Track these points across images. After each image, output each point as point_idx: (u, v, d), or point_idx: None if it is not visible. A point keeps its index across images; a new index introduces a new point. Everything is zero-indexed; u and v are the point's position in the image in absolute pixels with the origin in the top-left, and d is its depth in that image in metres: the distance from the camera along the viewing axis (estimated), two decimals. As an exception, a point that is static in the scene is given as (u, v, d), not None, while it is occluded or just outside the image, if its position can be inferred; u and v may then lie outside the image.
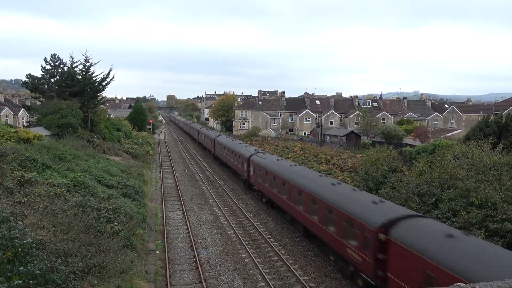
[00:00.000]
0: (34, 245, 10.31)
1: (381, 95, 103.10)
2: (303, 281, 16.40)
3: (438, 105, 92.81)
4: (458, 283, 2.15)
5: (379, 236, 13.31)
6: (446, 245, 11.18)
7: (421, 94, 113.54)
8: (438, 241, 11.54)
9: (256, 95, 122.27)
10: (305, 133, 76.62)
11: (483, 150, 25.96)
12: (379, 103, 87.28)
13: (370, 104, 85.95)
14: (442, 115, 79.47)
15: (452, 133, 58.41)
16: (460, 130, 63.46)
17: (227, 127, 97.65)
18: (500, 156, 24.35)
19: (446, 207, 20.02)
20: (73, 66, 47.06)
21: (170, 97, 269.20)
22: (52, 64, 45.40)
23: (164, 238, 21.32)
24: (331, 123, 77.53)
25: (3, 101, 66.82)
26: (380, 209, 14.73)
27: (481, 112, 73.74)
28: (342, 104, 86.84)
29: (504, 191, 19.40)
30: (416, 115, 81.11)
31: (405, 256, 12.10)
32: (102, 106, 55.33)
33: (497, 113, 42.45)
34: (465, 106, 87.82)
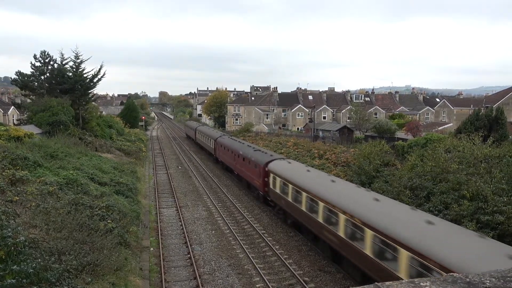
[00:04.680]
0: (27, 243, 10.23)
1: (373, 89, 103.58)
2: (297, 276, 16.51)
3: (430, 99, 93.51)
4: (451, 273, 2.18)
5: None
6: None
7: (413, 89, 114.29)
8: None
9: (249, 90, 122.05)
10: (298, 128, 76.76)
11: (474, 143, 26.24)
12: (371, 97, 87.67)
13: (363, 98, 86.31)
14: (433, 109, 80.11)
15: (443, 126, 58.93)
16: (451, 124, 64.05)
17: (220, 123, 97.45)
18: (490, 149, 24.62)
19: (438, 200, 20.24)
20: (63, 63, 46.60)
21: (162, 94, 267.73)
22: (42, 61, 44.88)
23: (158, 235, 21.29)
24: (324, 118, 77.75)
25: (-8, 99, 65.89)
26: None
27: (472, 105, 74.45)
28: (335, 99, 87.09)
29: (494, 183, 19.65)
30: (408, 109, 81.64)
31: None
32: (93, 103, 54.91)
33: (487, 107, 42.89)
34: (456, 100, 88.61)
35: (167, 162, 46.97)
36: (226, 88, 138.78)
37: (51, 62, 45.49)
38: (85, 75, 47.41)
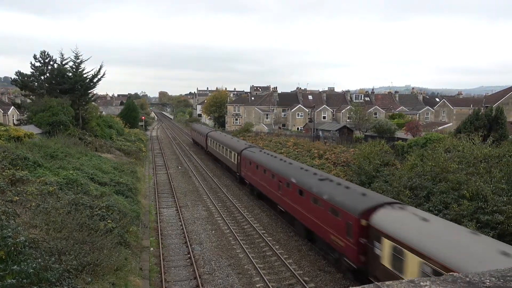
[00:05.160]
0: (27, 243, 10.24)
1: (373, 89, 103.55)
2: (297, 275, 16.51)
3: (429, 99, 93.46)
4: (451, 272, 2.19)
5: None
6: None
7: (413, 88, 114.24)
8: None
9: (249, 90, 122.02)
10: (298, 128, 76.74)
11: (473, 143, 26.25)
12: (371, 97, 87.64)
13: (362, 98, 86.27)
14: (433, 109, 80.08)
15: (443, 126, 58.91)
16: (451, 124, 64.02)
17: (220, 123, 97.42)
18: (490, 149, 24.63)
19: (438, 200, 20.25)
20: (63, 63, 46.58)
21: (162, 94, 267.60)
22: (42, 61, 44.87)
23: (158, 235, 21.29)
24: (324, 118, 77.71)
25: (-8, 99, 65.86)
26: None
27: (471, 105, 74.43)
28: (335, 99, 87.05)
29: (494, 183, 19.66)
30: (408, 109, 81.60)
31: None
32: (93, 103, 54.89)
33: (487, 106, 42.90)
34: (456, 99, 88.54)
35: (167, 162, 46.96)
36: (226, 88, 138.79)
37: (51, 62, 45.48)
38: (85, 75, 47.38)
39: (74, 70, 47.12)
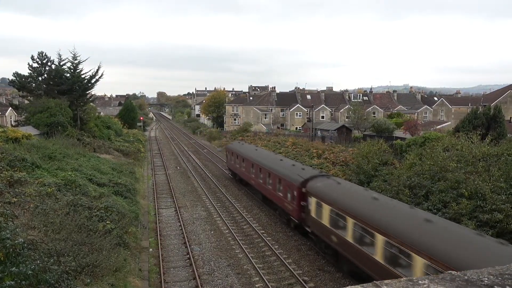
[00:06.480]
0: (25, 245, 10.20)
1: (371, 89, 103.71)
2: (296, 275, 16.51)
3: (428, 98, 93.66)
4: (450, 271, 2.18)
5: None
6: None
7: (411, 87, 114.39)
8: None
9: (247, 90, 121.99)
10: (296, 128, 76.77)
11: (472, 142, 26.26)
12: (369, 97, 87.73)
13: (361, 98, 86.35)
14: (431, 108, 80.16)
15: (441, 125, 58.99)
16: (449, 123, 64.11)
17: (219, 123, 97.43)
18: (488, 148, 24.66)
19: (436, 199, 20.27)
20: (61, 64, 46.48)
21: (161, 94, 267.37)
22: (40, 62, 44.76)
23: (157, 235, 21.27)
24: (322, 117, 77.76)
25: (-10, 100, 65.70)
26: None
27: (470, 104, 74.46)
28: (333, 98, 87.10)
29: (493, 182, 19.68)
30: (406, 108, 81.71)
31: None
32: (91, 104, 54.77)
33: (485, 105, 42.93)
34: (454, 98, 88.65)
35: (165, 163, 46.93)
36: (224, 88, 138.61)
37: (49, 63, 45.37)
38: (83, 76, 47.28)
39: (72, 71, 47.01)
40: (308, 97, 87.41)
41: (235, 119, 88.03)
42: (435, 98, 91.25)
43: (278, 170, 24.27)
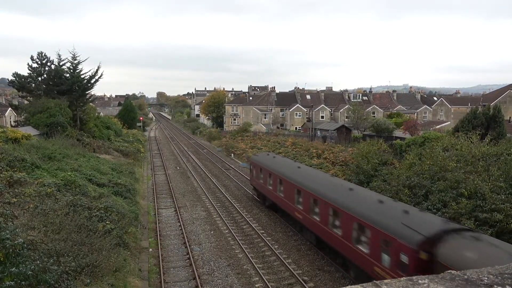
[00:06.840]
0: (25, 245, 10.20)
1: (371, 88, 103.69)
2: (296, 275, 16.52)
3: (427, 97, 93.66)
4: (449, 270, 2.19)
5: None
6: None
7: (410, 87, 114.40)
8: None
9: (247, 90, 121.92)
10: (296, 128, 76.77)
11: (471, 142, 26.27)
12: (369, 96, 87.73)
13: (360, 98, 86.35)
14: (431, 108, 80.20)
15: (441, 125, 59.00)
16: (449, 122, 64.12)
17: (218, 123, 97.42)
18: (488, 147, 24.67)
19: (436, 199, 20.29)
20: (61, 64, 46.44)
21: (160, 94, 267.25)
22: (39, 62, 44.71)
23: (157, 235, 21.27)
24: (322, 117, 77.75)
25: (-11, 100, 65.65)
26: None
27: (469, 104, 74.52)
28: (333, 98, 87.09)
29: (492, 181, 19.69)
30: (406, 108, 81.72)
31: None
32: (91, 104, 54.72)
33: (485, 105, 42.95)
34: (454, 98, 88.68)
35: (165, 163, 46.92)
36: (224, 88, 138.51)
37: (48, 63, 45.32)
38: (82, 76, 47.24)
39: (71, 71, 46.97)
40: (308, 97, 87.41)
41: (234, 119, 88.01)
42: (435, 98, 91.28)
43: (356, 210, 15.49)
